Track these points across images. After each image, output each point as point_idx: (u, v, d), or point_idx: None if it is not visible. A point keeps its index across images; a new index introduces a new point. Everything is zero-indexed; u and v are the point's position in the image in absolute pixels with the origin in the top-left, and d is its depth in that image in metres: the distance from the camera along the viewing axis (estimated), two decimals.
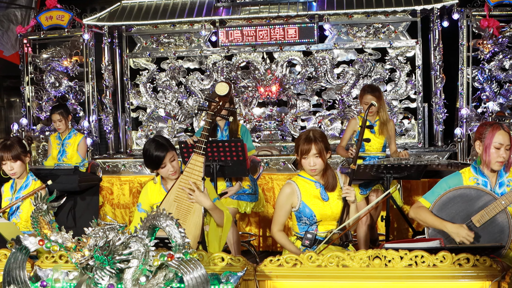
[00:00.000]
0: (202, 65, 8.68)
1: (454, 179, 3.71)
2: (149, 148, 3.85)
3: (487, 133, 3.58)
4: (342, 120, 8.34)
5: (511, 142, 3.55)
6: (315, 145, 3.67)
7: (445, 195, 3.60)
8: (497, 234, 3.45)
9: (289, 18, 8.11)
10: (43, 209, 2.44)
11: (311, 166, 3.69)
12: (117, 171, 7.43)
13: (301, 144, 3.71)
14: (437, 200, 3.61)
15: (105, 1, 10.43)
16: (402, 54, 8.19)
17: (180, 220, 3.26)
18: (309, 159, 3.68)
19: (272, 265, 2.88)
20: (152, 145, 3.84)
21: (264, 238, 6.69)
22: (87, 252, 2.17)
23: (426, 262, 2.76)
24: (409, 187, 6.40)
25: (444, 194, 3.60)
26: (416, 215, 3.69)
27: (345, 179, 3.87)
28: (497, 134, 3.54)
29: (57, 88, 8.78)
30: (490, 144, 3.55)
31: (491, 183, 3.63)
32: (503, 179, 3.64)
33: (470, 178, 3.67)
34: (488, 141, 3.56)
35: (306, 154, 3.68)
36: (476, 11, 7.75)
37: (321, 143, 3.69)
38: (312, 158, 3.68)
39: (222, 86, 3.95)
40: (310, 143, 3.68)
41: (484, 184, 3.62)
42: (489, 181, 3.63)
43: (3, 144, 4.44)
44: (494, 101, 7.79)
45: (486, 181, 3.64)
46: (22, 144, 4.48)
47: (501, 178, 3.64)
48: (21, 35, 8.90)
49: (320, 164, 3.70)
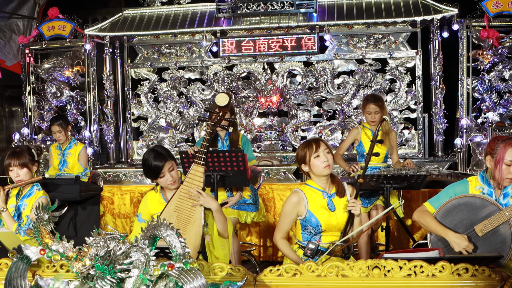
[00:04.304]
0: (203, 76, 8.72)
1: (460, 187, 3.70)
2: (148, 158, 3.87)
3: (499, 149, 3.53)
4: (343, 130, 8.36)
5: None
6: (322, 142, 3.70)
7: (450, 202, 3.59)
8: (498, 244, 3.44)
9: (289, 28, 8.15)
10: (44, 219, 2.45)
11: (325, 162, 3.66)
12: (118, 181, 7.44)
13: (307, 148, 3.70)
14: (442, 206, 3.61)
15: (107, 12, 10.52)
16: (402, 65, 8.22)
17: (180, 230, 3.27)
18: (321, 155, 3.66)
19: (272, 275, 2.88)
20: (151, 155, 3.87)
21: (264, 248, 6.69)
22: (88, 262, 2.18)
23: (425, 272, 2.77)
24: (409, 197, 6.41)
25: (449, 201, 3.60)
26: (419, 218, 3.69)
27: (352, 191, 3.87)
28: (510, 150, 3.50)
29: (58, 98, 8.80)
30: (502, 160, 3.50)
31: (496, 193, 3.62)
32: (508, 190, 3.61)
33: (476, 187, 3.66)
34: (499, 157, 3.51)
35: (317, 150, 3.67)
36: (476, 22, 7.78)
37: (325, 142, 3.75)
38: (324, 153, 3.67)
39: (222, 97, 3.97)
40: (317, 141, 3.71)
41: (489, 194, 3.61)
42: (494, 192, 3.62)
43: (12, 150, 4.48)
44: (494, 112, 7.80)
45: (491, 191, 3.63)
46: (31, 153, 4.51)
47: (506, 189, 3.61)
48: (23, 45, 8.94)
49: (331, 159, 3.70)
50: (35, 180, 4.52)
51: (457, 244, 3.44)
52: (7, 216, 4.31)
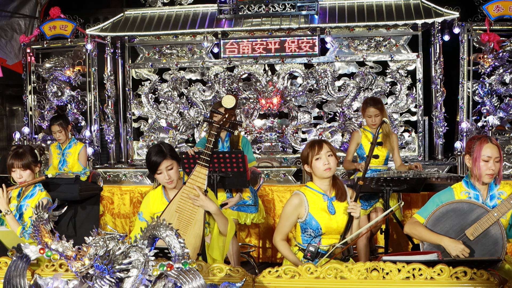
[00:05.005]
0: (204, 77, 8.73)
1: (446, 194, 3.73)
2: (150, 151, 3.89)
3: (475, 147, 3.60)
4: (343, 132, 8.37)
5: (500, 155, 3.57)
6: (325, 144, 3.69)
7: (438, 210, 3.60)
8: (491, 246, 3.46)
9: (291, 30, 8.16)
10: (44, 218, 2.46)
11: (325, 165, 3.63)
12: (118, 181, 7.45)
13: (310, 149, 3.69)
14: (431, 215, 3.61)
15: (108, 12, 10.53)
16: (403, 68, 8.23)
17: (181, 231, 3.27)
18: (323, 158, 3.64)
19: (271, 276, 2.88)
20: (154, 150, 3.88)
21: (263, 249, 6.69)
22: (87, 261, 2.18)
23: (423, 275, 2.77)
24: (408, 200, 6.41)
25: (437, 209, 3.60)
26: (411, 230, 3.70)
27: (351, 194, 3.86)
28: (485, 147, 3.57)
29: (59, 97, 8.81)
30: (479, 157, 3.57)
31: (483, 196, 3.64)
32: (494, 191, 3.65)
33: (462, 193, 3.68)
34: (476, 154, 3.59)
35: (319, 152, 3.65)
36: (477, 25, 7.79)
37: (329, 144, 3.73)
38: (326, 156, 3.64)
39: (229, 99, 3.94)
40: (320, 143, 3.69)
41: (476, 198, 3.64)
42: (480, 194, 3.65)
43: (15, 151, 4.47)
44: (494, 115, 7.81)
45: (477, 194, 3.65)
46: (33, 154, 4.50)
47: (492, 191, 3.65)
48: (24, 44, 8.95)
49: (333, 163, 3.66)
50: (38, 181, 4.52)
51: (453, 249, 3.45)
52: (11, 219, 4.31)
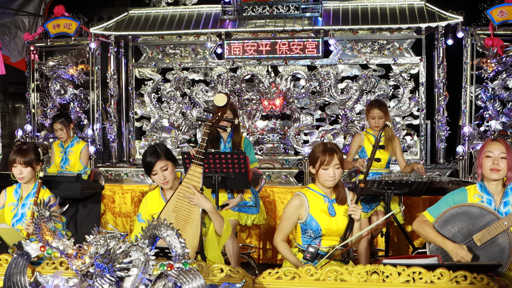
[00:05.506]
0: (207, 77, 8.74)
1: (459, 195, 3.70)
2: (146, 152, 3.90)
3: (481, 147, 3.68)
4: (345, 135, 8.37)
5: (507, 151, 3.54)
6: (336, 156, 3.68)
7: (449, 211, 3.58)
8: (497, 254, 3.42)
9: (294, 32, 8.16)
10: (45, 216, 2.46)
11: (331, 177, 3.66)
12: (120, 179, 7.45)
13: (321, 155, 3.68)
14: (440, 215, 3.60)
15: (112, 11, 10.54)
16: (406, 71, 8.23)
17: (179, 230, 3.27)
18: (330, 169, 3.66)
19: (271, 278, 2.88)
20: (149, 151, 3.89)
21: (264, 250, 6.69)
22: (88, 260, 2.19)
23: (423, 278, 2.77)
24: (410, 203, 6.40)
25: (447, 210, 3.59)
26: (419, 228, 3.69)
27: (352, 197, 3.87)
28: (488, 144, 3.61)
29: (62, 95, 8.82)
30: (482, 154, 3.61)
31: (496, 201, 3.59)
32: (508, 198, 3.59)
33: (475, 196, 3.64)
34: (480, 153, 3.64)
35: (328, 164, 3.65)
36: (480, 30, 7.79)
37: (340, 153, 3.72)
38: (333, 169, 3.66)
39: (220, 97, 3.96)
40: (332, 154, 3.67)
41: (489, 202, 3.59)
42: (493, 200, 3.59)
43: (19, 147, 4.46)
44: (497, 120, 7.81)
45: (490, 199, 3.60)
46: (37, 152, 4.49)
47: (506, 197, 3.59)
48: (28, 42, 8.97)
49: (339, 175, 3.69)
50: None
51: (455, 254, 3.43)
52: None
